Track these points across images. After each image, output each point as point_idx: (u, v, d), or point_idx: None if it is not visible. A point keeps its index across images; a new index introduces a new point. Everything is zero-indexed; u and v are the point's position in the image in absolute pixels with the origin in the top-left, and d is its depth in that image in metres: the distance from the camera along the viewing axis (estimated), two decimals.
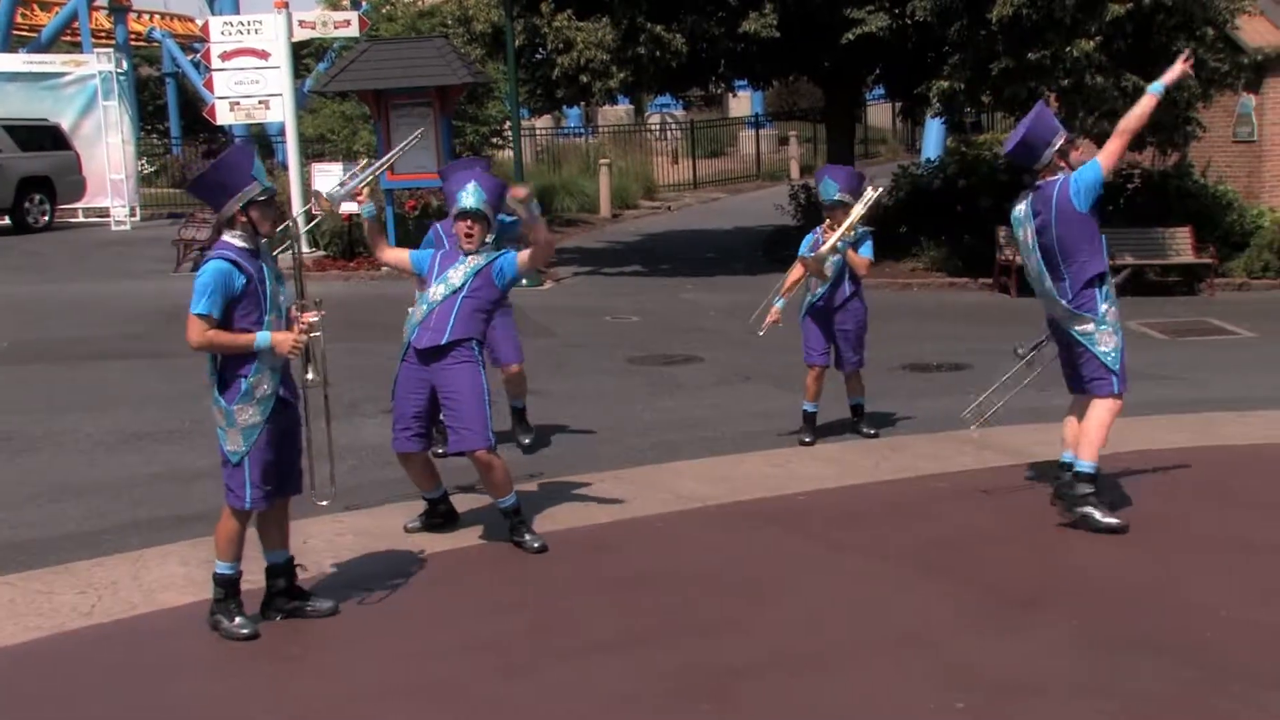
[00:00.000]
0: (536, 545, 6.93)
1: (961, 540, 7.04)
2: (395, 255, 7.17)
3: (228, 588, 5.92)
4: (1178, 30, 15.95)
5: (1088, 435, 7.11)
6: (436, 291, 6.87)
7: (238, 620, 5.88)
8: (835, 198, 8.77)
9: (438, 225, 8.42)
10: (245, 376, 5.76)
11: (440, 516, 7.29)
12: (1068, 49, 15.32)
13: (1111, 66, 15.65)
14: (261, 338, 5.73)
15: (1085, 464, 7.10)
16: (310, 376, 6.04)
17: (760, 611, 6.10)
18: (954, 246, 18.38)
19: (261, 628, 5.96)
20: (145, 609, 6.20)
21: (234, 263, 5.72)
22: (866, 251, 8.86)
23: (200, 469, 8.61)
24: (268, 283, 5.83)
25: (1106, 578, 6.47)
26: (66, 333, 14.37)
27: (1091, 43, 15.30)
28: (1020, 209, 7.21)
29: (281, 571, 6.10)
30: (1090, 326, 7.04)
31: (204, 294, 5.66)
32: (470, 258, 6.93)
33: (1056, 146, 7.11)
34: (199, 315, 5.66)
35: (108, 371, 12.21)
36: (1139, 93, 15.53)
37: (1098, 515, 7.02)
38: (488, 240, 7.08)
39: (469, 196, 6.97)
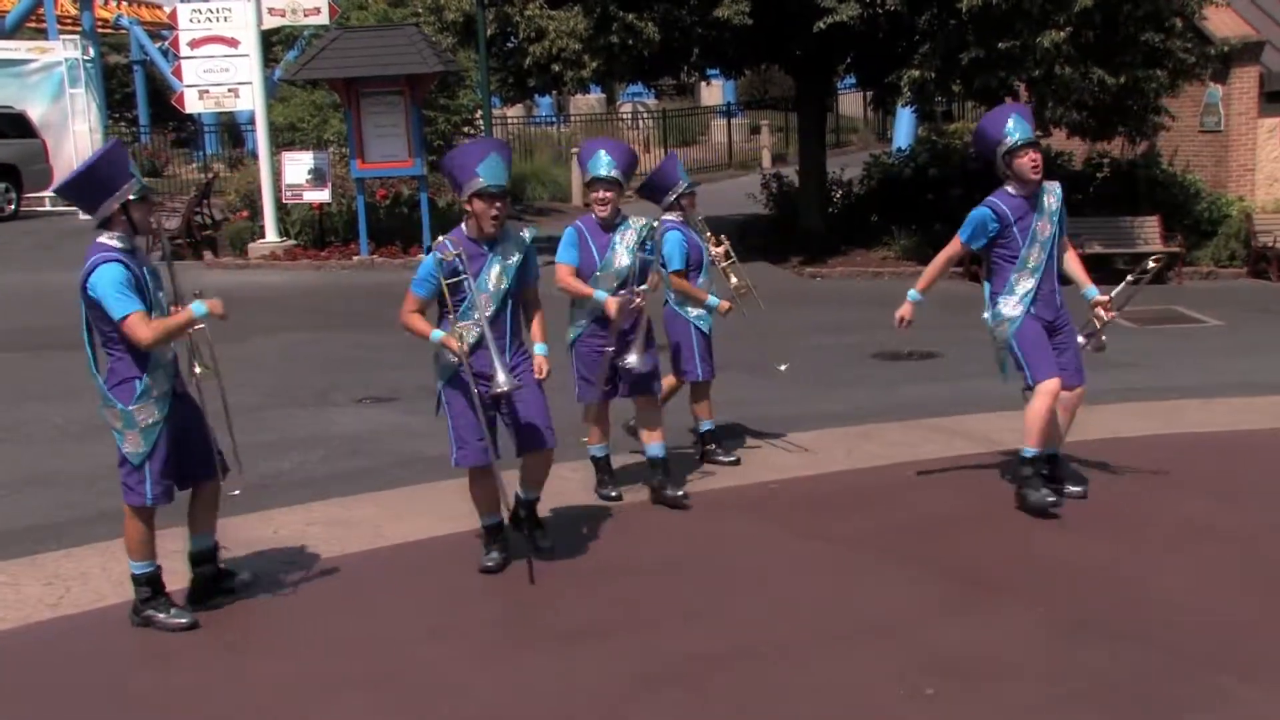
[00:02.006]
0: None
1: (931, 527, 7.09)
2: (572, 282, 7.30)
3: (153, 585, 5.89)
4: (1146, 21, 16.06)
5: (1025, 424, 7.23)
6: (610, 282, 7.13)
7: (173, 611, 5.87)
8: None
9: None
10: (139, 378, 5.69)
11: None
12: (1037, 39, 15.42)
13: (1080, 57, 15.75)
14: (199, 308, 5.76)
15: (1025, 449, 7.24)
16: (197, 370, 5.91)
17: (731, 599, 6.13)
18: (925, 235, 18.44)
19: (230, 617, 5.96)
20: (114, 600, 6.17)
21: (122, 263, 5.62)
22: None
23: None
24: (147, 281, 5.73)
25: (1073, 564, 6.52)
26: (32, 322, 14.27)
27: (1061, 33, 15.39)
28: None
29: (208, 558, 6.09)
30: (989, 318, 7.31)
31: (123, 293, 5.54)
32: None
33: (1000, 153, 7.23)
34: (138, 312, 5.56)
35: (74, 361, 12.06)
36: (1105, 85, 15.76)
37: (1029, 495, 7.17)
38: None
39: (604, 166, 7.37)
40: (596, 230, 7.49)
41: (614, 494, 7.67)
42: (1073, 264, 7.44)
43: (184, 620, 5.84)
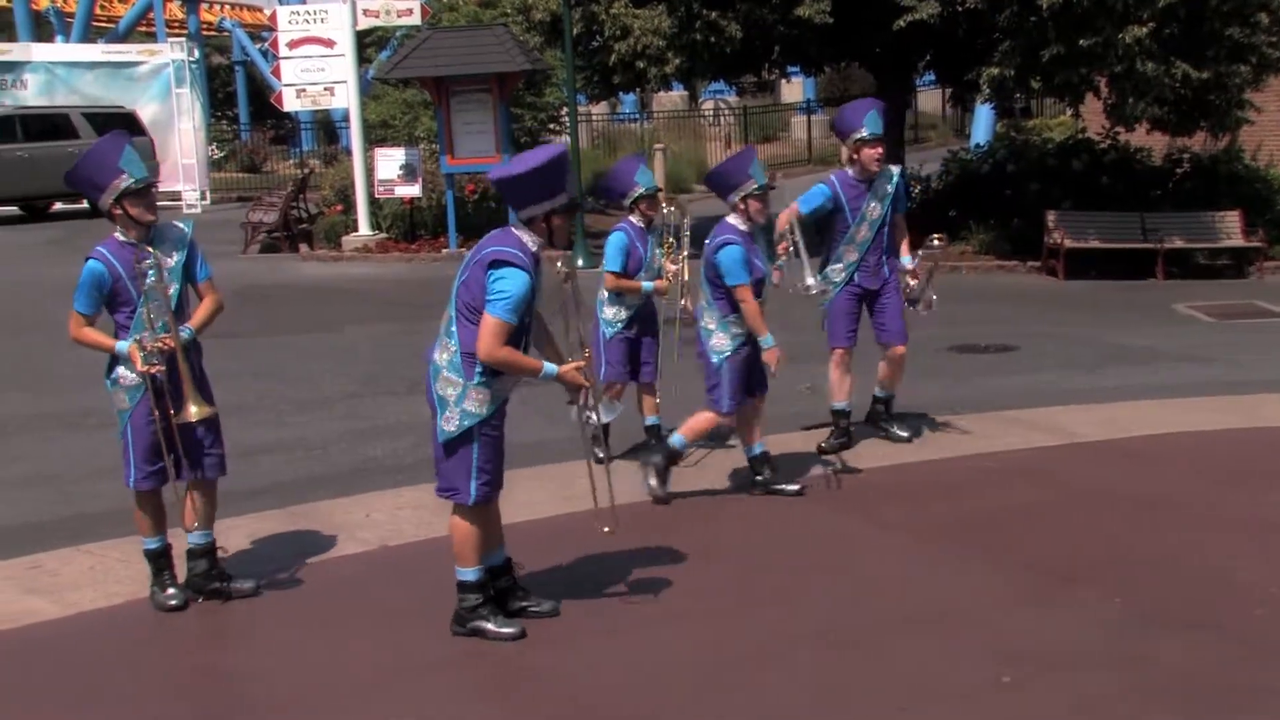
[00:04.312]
0: (794, 489, 7.58)
1: (1006, 518, 7.15)
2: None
3: (154, 561, 6.16)
4: (1231, 16, 15.89)
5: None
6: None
7: (169, 591, 6.12)
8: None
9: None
10: (116, 365, 6.00)
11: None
12: (1119, 35, 15.33)
13: (1162, 53, 15.63)
14: (120, 346, 5.87)
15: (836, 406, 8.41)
16: (194, 409, 5.94)
17: (809, 586, 6.23)
18: (1003, 230, 18.47)
19: (323, 597, 6.24)
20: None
21: (105, 262, 5.79)
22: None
23: (266, 444, 8.91)
24: (149, 275, 5.80)
25: (1150, 556, 6.51)
26: None
27: (1144, 29, 15.28)
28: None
29: (201, 554, 6.23)
30: (815, 282, 8.14)
31: (79, 293, 5.86)
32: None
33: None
34: (76, 312, 5.88)
35: None
36: (1188, 79, 15.65)
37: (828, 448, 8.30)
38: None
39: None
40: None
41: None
42: (902, 239, 8.37)
43: (173, 603, 6.08)
